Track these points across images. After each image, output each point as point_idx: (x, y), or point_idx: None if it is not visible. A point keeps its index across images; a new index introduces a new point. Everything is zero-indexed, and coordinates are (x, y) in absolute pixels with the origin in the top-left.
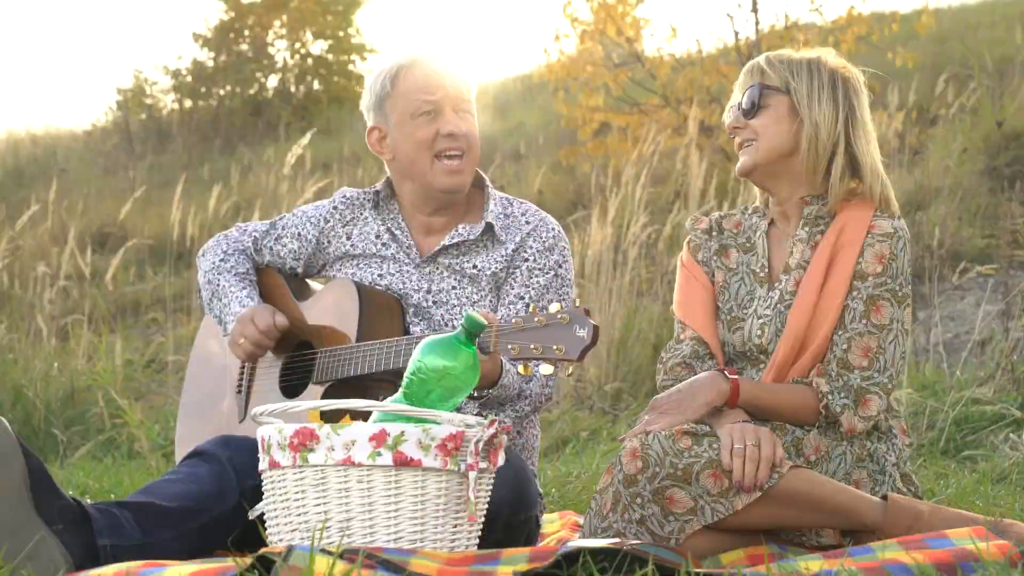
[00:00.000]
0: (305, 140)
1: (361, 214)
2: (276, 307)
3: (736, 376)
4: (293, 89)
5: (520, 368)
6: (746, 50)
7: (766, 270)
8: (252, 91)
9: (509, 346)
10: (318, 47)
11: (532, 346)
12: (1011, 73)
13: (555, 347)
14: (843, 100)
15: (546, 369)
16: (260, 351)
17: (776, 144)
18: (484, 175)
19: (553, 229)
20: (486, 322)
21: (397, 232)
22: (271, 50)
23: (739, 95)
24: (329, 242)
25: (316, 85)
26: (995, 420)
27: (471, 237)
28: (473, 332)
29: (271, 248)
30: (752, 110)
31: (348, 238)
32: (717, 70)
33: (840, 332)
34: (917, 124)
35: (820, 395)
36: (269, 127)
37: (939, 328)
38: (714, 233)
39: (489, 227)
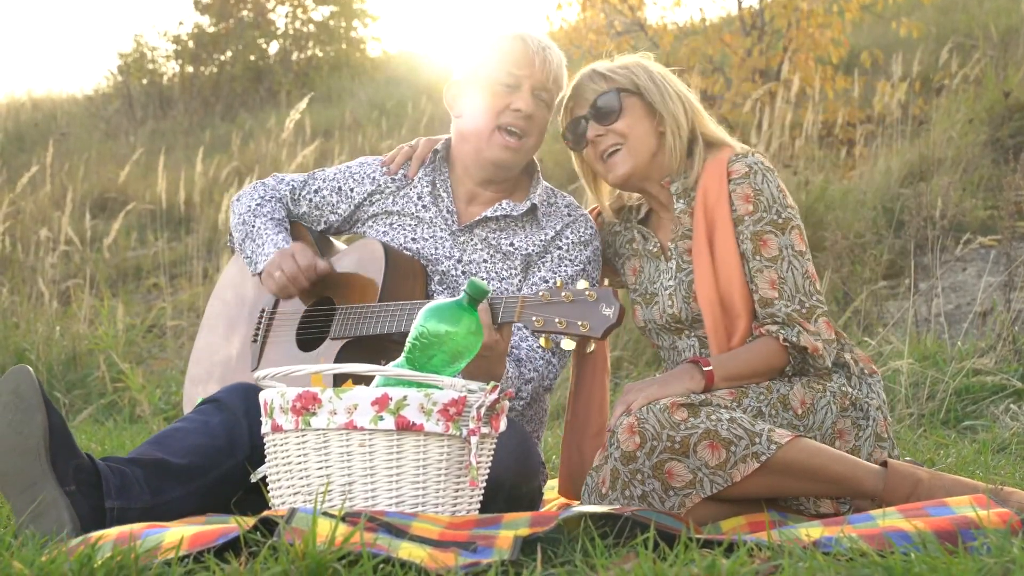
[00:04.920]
0: (303, 105)
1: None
2: None
3: (709, 367)
4: (294, 56)
5: (541, 341)
6: (749, 19)
7: (658, 246)
8: (253, 57)
9: (533, 318)
10: (319, 13)
11: (557, 320)
12: (1016, 44)
13: (580, 323)
14: (679, 91)
15: (567, 344)
16: (293, 287)
17: (645, 143)
18: (537, 164)
19: (592, 227)
20: (489, 289)
21: (443, 193)
22: (272, 16)
23: (585, 108)
24: (379, 196)
25: (317, 52)
26: (996, 391)
27: (514, 213)
28: (476, 298)
29: (309, 199)
30: (614, 114)
31: (394, 193)
32: (720, 39)
33: (750, 277)
34: (921, 94)
35: (773, 335)
36: (270, 93)
37: (940, 299)
38: (619, 228)
39: (533, 208)
